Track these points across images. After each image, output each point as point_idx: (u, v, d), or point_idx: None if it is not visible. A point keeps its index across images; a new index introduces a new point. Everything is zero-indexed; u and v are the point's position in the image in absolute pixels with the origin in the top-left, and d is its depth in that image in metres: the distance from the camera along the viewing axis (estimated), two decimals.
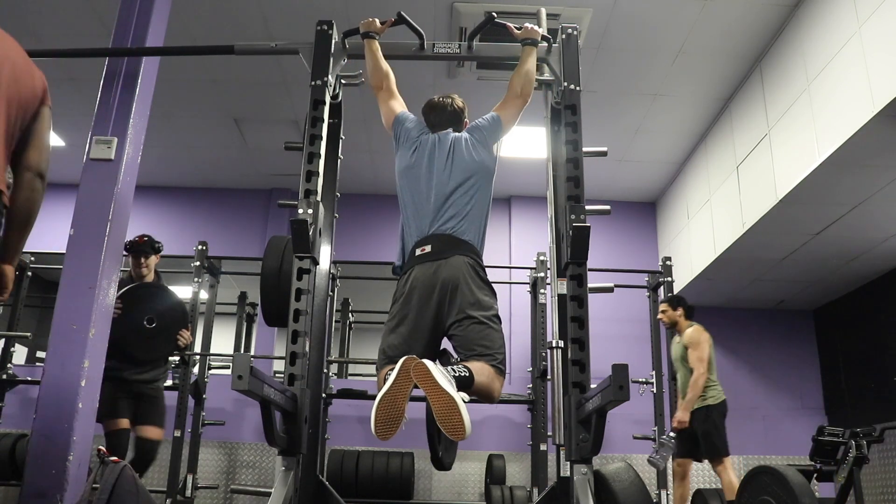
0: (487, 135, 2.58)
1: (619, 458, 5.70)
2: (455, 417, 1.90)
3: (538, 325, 5.75)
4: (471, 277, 2.32)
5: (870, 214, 4.64)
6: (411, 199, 2.51)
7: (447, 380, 1.96)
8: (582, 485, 2.13)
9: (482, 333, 2.25)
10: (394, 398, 1.96)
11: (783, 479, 3.19)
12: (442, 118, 2.67)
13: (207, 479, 5.85)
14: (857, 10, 3.66)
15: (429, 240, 2.39)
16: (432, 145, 2.56)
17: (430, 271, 2.31)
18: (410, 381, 1.97)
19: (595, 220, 2.37)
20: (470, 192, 2.46)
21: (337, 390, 5.73)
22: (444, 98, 2.72)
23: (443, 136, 2.59)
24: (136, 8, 3.28)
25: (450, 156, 2.52)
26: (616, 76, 5.05)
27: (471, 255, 2.37)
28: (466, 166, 2.49)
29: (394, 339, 2.30)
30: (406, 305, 2.32)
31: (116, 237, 3.00)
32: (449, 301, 2.28)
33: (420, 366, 1.96)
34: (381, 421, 1.95)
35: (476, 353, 2.21)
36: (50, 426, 2.64)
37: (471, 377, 2.09)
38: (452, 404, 1.91)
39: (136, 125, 3.15)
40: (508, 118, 2.63)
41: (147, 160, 3.47)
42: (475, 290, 2.30)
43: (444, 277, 2.29)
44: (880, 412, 5.45)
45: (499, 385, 2.23)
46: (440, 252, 2.34)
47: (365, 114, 5.41)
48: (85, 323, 2.78)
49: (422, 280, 2.31)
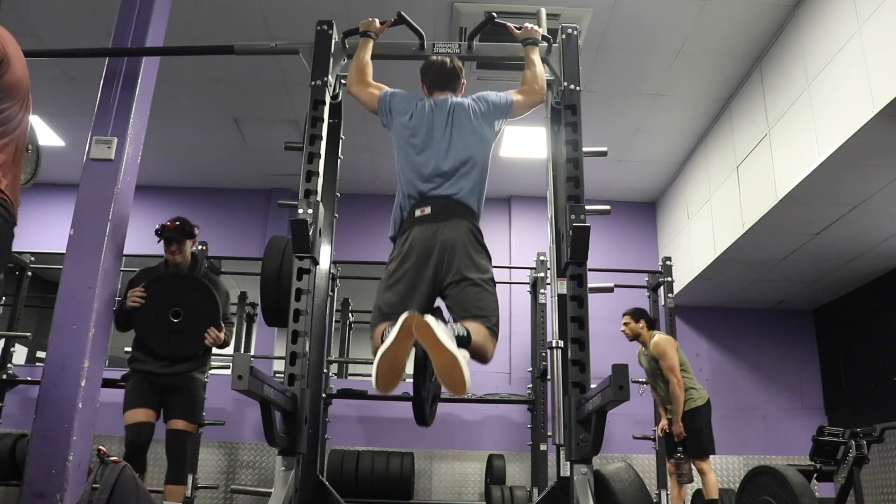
0: (494, 112, 2.56)
1: (619, 458, 5.70)
2: (457, 373, 1.94)
3: (538, 325, 5.75)
4: (469, 241, 2.34)
5: (870, 214, 4.64)
6: (410, 166, 2.49)
7: (449, 336, 1.98)
8: (582, 485, 2.13)
9: (478, 295, 2.28)
10: (395, 353, 2.00)
11: (783, 479, 3.19)
12: (441, 75, 2.65)
13: (207, 479, 5.85)
14: (857, 10, 3.66)
15: (428, 201, 2.40)
16: (430, 111, 2.54)
17: (429, 232, 2.34)
18: (412, 336, 1.99)
19: (595, 220, 2.37)
20: (470, 159, 2.46)
21: (337, 390, 5.73)
22: (441, 57, 2.70)
23: (440, 102, 2.57)
24: (136, 8, 3.29)
25: (449, 121, 2.51)
26: (616, 76, 5.05)
27: (469, 220, 2.39)
28: (467, 133, 2.49)
29: (390, 296, 2.31)
30: (404, 264, 2.34)
31: (116, 237, 3.00)
32: (447, 262, 2.31)
33: (422, 322, 1.98)
34: (382, 374, 2.00)
35: (471, 314, 2.24)
36: (50, 426, 2.64)
37: (468, 337, 2.12)
38: (454, 361, 1.94)
39: (136, 125, 3.15)
40: (520, 109, 2.60)
41: (147, 160, 3.47)
42: (473, 254, 2.33)
43: (444, 239, 2.32)
44: (880, 412, 5.45)
45: (492, 346, 2.28)
46: (440, 214, 2.36)
47: (365, 114, 5.36)
48: (85, 323, 2.79)
49: (421, 240, 2.34)
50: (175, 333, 3.47)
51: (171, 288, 3.53)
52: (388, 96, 2.62)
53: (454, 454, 6.15)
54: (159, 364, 3.45)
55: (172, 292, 3.51)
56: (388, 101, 2.61)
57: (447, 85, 2.64)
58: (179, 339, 3.48)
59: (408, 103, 2.59)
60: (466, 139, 2.48)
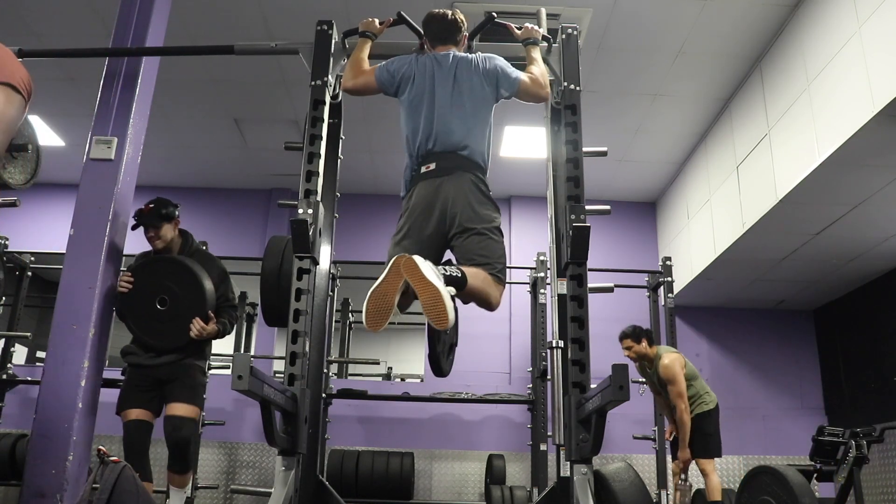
0: (501, 78, 2.54)
1: (619, 458, 5.70)
2: (439, 306, 2.01)
3: (538, 325, 5.75)
4: (471, 193, 2.37)
5: (870, 214, 4.64)
6: (415, 124, 2.50)
7: (434, 273, 2.06)
8: (582, 485, 2.13)
9: (481, 244, 2.32)
10: (384, 292, 2.08)
11: (783, 479, 3.19)
12: (442, 27, 2.66)
13: (207, 479, 5.85)
14: (857, 10, 3.66)
15: (433, 157, 2.43)
16: (431, 68, 2.55)
17: (432, 187, 2.38)
18: (401, 275, 2.06)
19: (595, 220, 2.37)
20: (475, 114, 2.48)
21: (337, 390, 5.73)
22: (442, 10, 2.70)
23: (441, 58, 2.57)
24: (136, 8, 3.29)
25: (452, 76, 2.52)
26: (616, 76, 5.05)
27: (474, 172, 2.41)
28: (470, 88, 2.50)
29: (398, 250, 2.35)
30: (409, 220, 2.39)
31: (116, 237, 3.00)
32: (450, 215, 2.34)
33: (409, 261, 2.06)
34: (371, 312, 2.09)
35: (474, 261, 2.29)
36: (50, 426, 2.64)
37: (463, 278, 2.17)
38: (437, 294, 2.01)
39: (136, 125, 3.15)
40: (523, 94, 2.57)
41: (147, 160, 3.47)
42: (475, 205, 2.35)
43: (446, 192, 2.35)
44: (880, 412, 5.45)
45: (497, 292, 2.31)
46: (444, 168, 2.40)
47: (365, 114, 5.41)
48: (85, 323, 2.79)
49: (424, 196, 2.38)
50: (162, 322, 3.18)
51: (157, 273, 3.23)
52: (384, 66, 2.63)
53: (454, 454, 6.15)
54: (148, 355, 3.22)
55: (158, 277, 3.22)
56: (386, 70, 2.61)
57: (448, 38, 2.66)
58: (166, 328, 3.19)
59: (408, 65, 2.59)
60: (470, 94, 2.50)
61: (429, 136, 2.46)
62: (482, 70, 2.54)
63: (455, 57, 2.57)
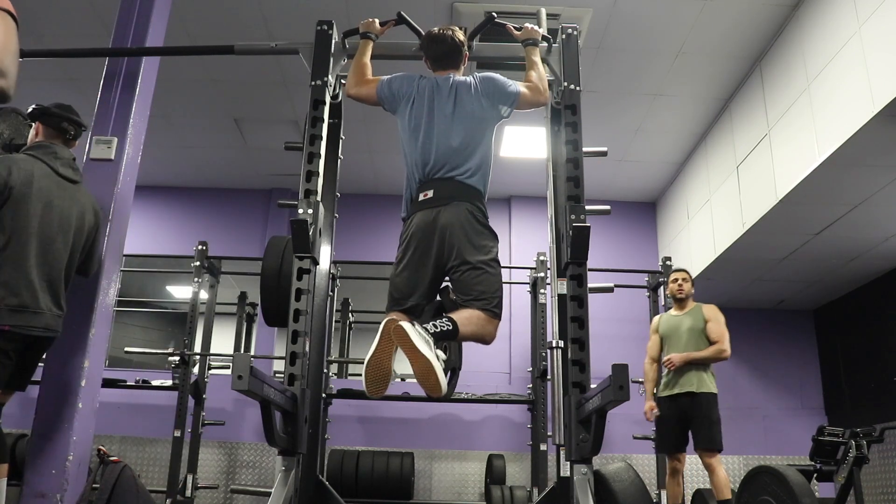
0: (500, 97, 2.54)
1: (619, 458, 5.70)
2: (431, 378, 2.07)
3: (538, 325, 5.75)
4: (469, 224, 2.37)
5: (870, 214, 4.64)
6: (414, 147, 2.50)
7: (424, 342, 2.09)
8: (582, 485, 2.13)
9: (478, 279, 2.32)
10: (379, 360, 2.13)
11: (783, 479, 3.19)
12: (442, 49, 2.64)
13: (207, 479, 5.85)
14: (857, 10, 3.66)
15: (431, 185, 2.43)
16: (431, 91, 2.54)
17: (429, 217, 2.38)
18: (392, 342, 2.12)
19: (595, 220, 2.37)
20: (474, 138, 2.47)
21: (337, 390, 5.73)
22: (443, 30, 2.67)
23: (441, 81, 2.57)
24: (136, 8, 3.29)
25: (451, 101, 2.51)
26: (616, 76, 5.05)
27: (471, 202, 2.41)
28: (471, 114, 2.49)
29: (398, 282, 2.40)
30: (407, 251, 2.40)
31: (116, 237, 3.00)
32: (447, 246, 2.35)
33: (399, 329, 2.09)
34: (371, 381, 2.13)
35: (472, 297, 2.31)
36: (50, 426, 2.64)
37: (454, 330, 2.20)
38: (429, 366, 2.06)
39: (136, 125, 3.15)
40: (524, 104, 2.58)
41: (147, 160, 3.47)
42: (472, 236, 2.36)
43: (443, 224, 2.35)
44: (880, 412, 5.45)
45: (491, 329, 2.33)
46: (441, 198, 2.39)
47: (365, 114, 5.41)
48: (85, 323, 2.79)
49: (421, 226, 2.38)
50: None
51: None
52: (387, 82, 2.62)
53: (454, 454, 6.15)
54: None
55: None
56: (388, 87, 2.61)
57: (449, 63, 2.65)
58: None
59: (409, 85, 2.59)
60: (469, 119, 2.49)
61: (426, 161, 2.45)
62: (481, 92, 2.53)
63: (454, 81, 2.56)
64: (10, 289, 2.36)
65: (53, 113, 2.72)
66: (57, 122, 2.72)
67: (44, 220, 2.49)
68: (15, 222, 2.42)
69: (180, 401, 5.28)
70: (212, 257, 5.75)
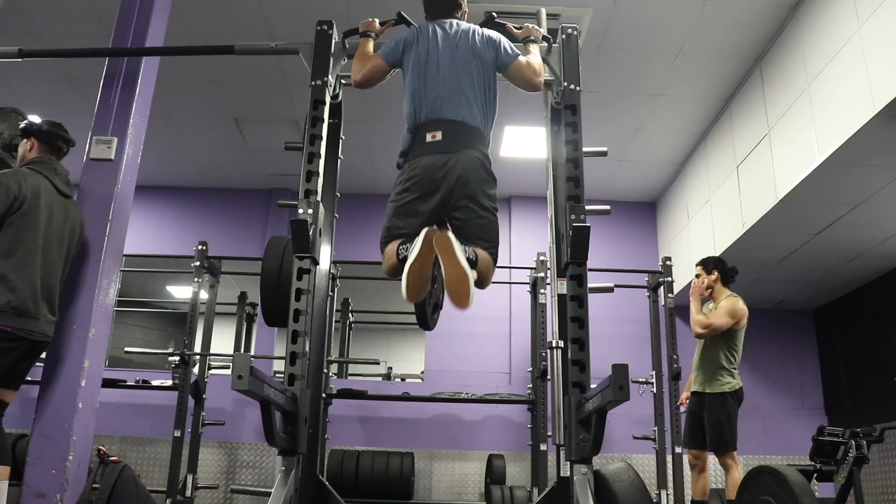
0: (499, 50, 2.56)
1: (619, 458, 5.70)
2: (464, 287, 2.12)
3: (538, 325, 5.74)
4: (479, 173, 2.39)
5: (870, 214, 4.64)
6: (419, 86, 2.48)
7: (464, 254, 2.16)
8: (582, 485, 2.13)
9: (486, 226, 2.39)
10: (421, 265, 2.16)
11: (783, 479, 3.19)
12: (442, 3, 2.68)
13: (207, 479, 5.85)
14: (857, 10, 3.66)
15: (439, 125, 2.42)
16: (434, 34, 2.56)
17: (439, 162, 2.37)
18: (433, 250, 2.16)
19: (595, 220, 2.37)
20: (481, 79, 2.49)
21: (337, 390, 5.73)
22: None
23: (444, 23, 2.60)
24: (136, 8, 3.29)
25: (459, 43, 2.52)
26: (616, 76, 5.05)
27: (479, 149, 2.43)
28: (476, 53, 2.51)
29: (398, 221, 2.39)
30: (412, 191, 2.39)
31: (116, 237, 3.00)
32: (456, 194, 2.36)
33: (442, 237, 2.16)
34: (412, 285, 2.15)
35: (478, 244, 2.35)
36: (50, 426, 2.65)
37: (476, 260, 2.28)
38: (464, 276, 2.12)
39: (136, 125, 3.15)
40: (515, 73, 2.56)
41: (147, 160, 3.47)
42: (483, 187, 2.40)
43: (454, 172, 2.36)
44: (880, 412, 5.45)
45: (492, 273, 2.41)
46: (451, 142, 2.39)
47: (365, 114, 5.41)
48: (85, 323, 2.79)
49: (430, 170, 2.37)
50: None
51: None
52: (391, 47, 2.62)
53: (454, 454, 6.15)
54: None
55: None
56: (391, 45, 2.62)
57: (449, 12, 2.68)
58: None
59: (411, 32, 2.61)
60: (475, 58, 2.51)
61: (434, 98, 2.44)
62: (486, 37, 2.57)
63: (458, 23, 2.61)
64: (17, 294, 2.51)
65: (49, 131, 2.87)
66: (53, 139, 2.88)
67: (46, 232, 2.66)
68: (23, 233, 2.59)
69: (180, 401, 5.28)
70: (212, 257, 5.74)
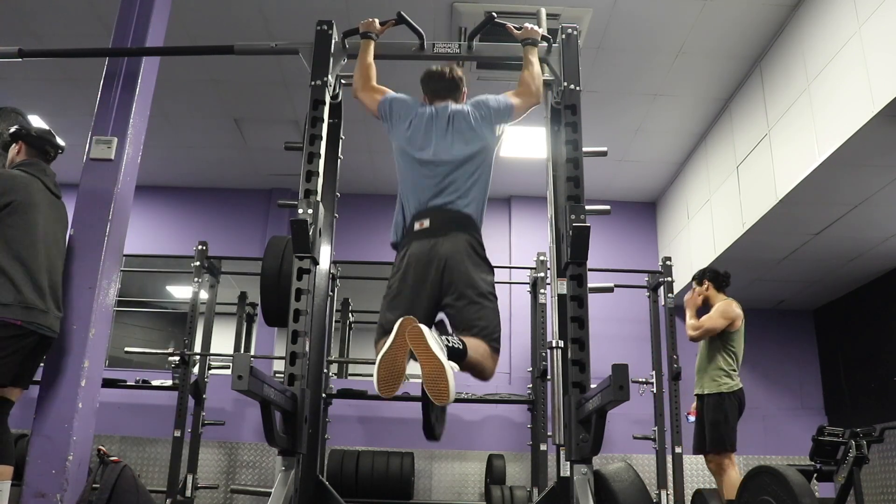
0: (494, 116, 2.56)
1: (619, 458, 5.70)
2: (441, 383, 1.97)
3: (538, 325, 5.74)
4: (468, 256, 2.33)
5: (870, 214, 4.64)
6: (409, 174, 2.49)
7: (439, 346, 2.01)
8: (582, 485, 2.13)
9: (479, 312, 2.28)
10: (394, 356, 2.03)
11: (783, 479, 3.18)
12: (441, 85, 2.66)
13: (207, 479, 5.85)
14: (857, 10, 3.66)
15: (428, 214, 2.40)
16: (429, 118, 2.55)
17: (426, 247, 2.33)
18: (407, 342, 2.03)
19: (595, 220, 2.37)
20: (472, 166, 2.46)
21: (337, 390, 5.73)
22: (442, 66, 2.70)
23: (440, 109, 2.58)
24: (136, 8, 3.29)
25: (450, 128, 2.51)
26: (616, 76, 5.05)
27: (469, 233, 2.38)
28: (468, 140, 2.49)
29: (390, 315, 2.31)
30: (403, 282, 2.34)
31: (116, 237, 3.01)
32: (445, 279, 2.30)
33: (414, 329, 2.02)
34: (383, 378, 2.02)
35: (472, 331, 2.25)
36: (50, 426, 2.65)
37: (464, 350, 2.14)
38: (441, 370, 1.97)
39: (136, 125, 3.15)
40: (519, 111, 2.60)
41: (147, 160, 3.47)
42: (472, 269, 2.32)
43: (441, 255, 2.31)
44: (880, 412, 5.45)
45: (493, 364, 2.28)
46: (439, 228, 2.35)
47: (365, 114, 5.38)
48: (85, 323, 2.79)
49: (418, 256, 2.33)
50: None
51: None
52: (389, 102, 2.63)
53: (454, 454, 6.15)
54: None
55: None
56: (389, 107, 2.62)
57: (448, 95, 2.66)
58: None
59: (408, 110, 2.59)
60: (467, 146, 2.48)
61: (424, 189, 2.42)
62: (479, 118, 2.53)
63: (452, 109, 2.57)
64: (24, 290, 2.56)
65: (38, 136, 2.97)
66: (41, 144, 2.98)
67: (45, 230, 2.73)
68: (23, 231, 2.64)
69: (180, 401, 5.28)
70: (212, 257, 5.74)
